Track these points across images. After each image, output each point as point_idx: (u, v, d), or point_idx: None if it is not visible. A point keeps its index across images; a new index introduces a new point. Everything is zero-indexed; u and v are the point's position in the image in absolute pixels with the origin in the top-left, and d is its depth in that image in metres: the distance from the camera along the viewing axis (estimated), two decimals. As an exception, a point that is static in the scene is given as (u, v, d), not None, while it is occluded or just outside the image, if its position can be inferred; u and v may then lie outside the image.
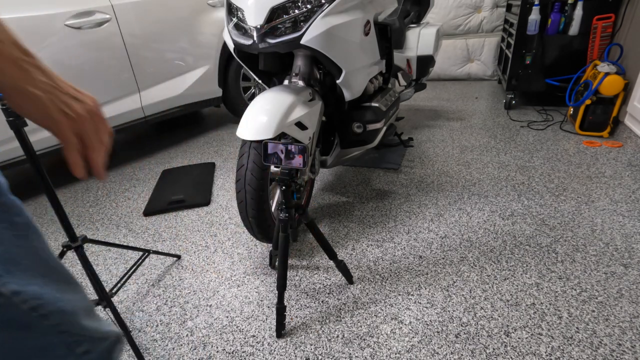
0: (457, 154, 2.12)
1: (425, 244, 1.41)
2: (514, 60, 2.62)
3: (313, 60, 1.40)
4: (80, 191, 2.11)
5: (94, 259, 1.51)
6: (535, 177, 1.80)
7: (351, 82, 1.36)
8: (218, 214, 1.75)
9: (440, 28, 2.19)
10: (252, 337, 1.10)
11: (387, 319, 1.11)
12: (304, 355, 1.02)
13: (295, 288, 1.26)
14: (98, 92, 2.07)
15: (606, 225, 1.42)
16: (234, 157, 2.38)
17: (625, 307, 1.07)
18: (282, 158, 0.95)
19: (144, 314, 1.22)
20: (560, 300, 1.11)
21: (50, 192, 0.94)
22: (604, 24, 2.30)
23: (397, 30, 1.61)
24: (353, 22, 1.27)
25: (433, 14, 3.52)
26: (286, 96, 1.22)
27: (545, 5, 2.39)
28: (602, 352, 0.95)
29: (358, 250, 1.41)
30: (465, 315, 1.10)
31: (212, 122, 3.14)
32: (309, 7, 1.18)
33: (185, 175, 2.13)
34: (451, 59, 3.60)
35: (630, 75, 2.19)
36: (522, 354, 0.97)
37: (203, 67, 2.57)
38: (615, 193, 1.61)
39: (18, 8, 1.75)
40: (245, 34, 1.25)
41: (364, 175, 1.98)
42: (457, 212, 1.58)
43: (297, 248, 1.46)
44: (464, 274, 1.25)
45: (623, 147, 2.00)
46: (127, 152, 2.63)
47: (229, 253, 1.47)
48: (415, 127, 2.58)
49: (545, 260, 1.28)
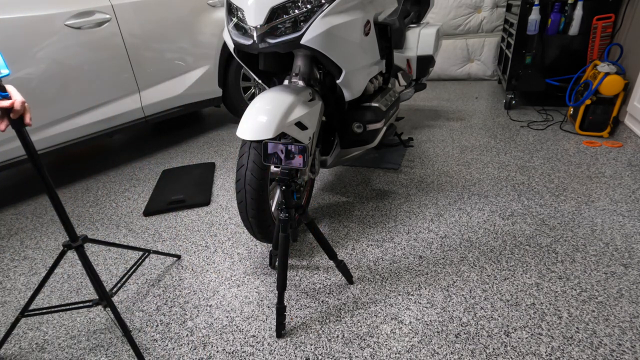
0: (457, 154, 2.12)
1: (425, 244, 1.41)
2: (514, 60, 2.62)
3: (313, 60, 1.40)
4: (80, 191, 2.11)
5: (94, 259, 1.52)
6: (535, 177, 1.80)
7: (351, 82, 1.36)
8: (218, 214, 1.75)
9: (440, 28, 2.19)
10: (252, 337, 1.10)
11: (387, 319, 1.11)
12: (304, 355, 1.02)
13: (295, 288, 1.26)
14: (98, 92, 2.07)
15: (606, 225, 1.42)
16: (234, 157, 2.39)
17: (625, 307, 1.07)
18: (282, 158, 0.95)
19: (144, 314, 1.22)
20: (560, 300, 1.11)
21: (51, 191, 0.93)
22: (604, 24, 2.30)
23: (397, 30, 1.60)
24: (353, 22, 1.27)
25: (433, 14, 3.52)
26: (286, 96, 1.22)
27: (545, 5, 2.39)
28: (602, 352, 0.95)
29: (358, 250, 1.42)
30: (465, 315, 1.10)
31: (212, 122, 3.14)
32: (309, 7, 1.18)
33: (185, 175, 2.13)
34: (451, 59, 3.60)
35: (630, 75, 2.19)
36: (522, 354, 0.97)
37: (203, 67, 2.57)
38: (615, 193, 1.61)
39: (18, 8, 1.75)
40: (245, 34, 1.25)
41: (364, 175, 1.98)
42: (457, 212, 1.58)
43: (297, 248, 1.46)
44: (464, 274, 1.25)
45: (623, 147, 2.00)
46: (127, 152, 2.63)
47: (229, 253, 1.47)
48: (415, 127, 2.58)
49: (545, 260, 1.28)
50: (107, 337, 1.14)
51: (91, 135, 2.13)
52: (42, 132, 1.91)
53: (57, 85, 1.91)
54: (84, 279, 1.42)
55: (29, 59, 1.79)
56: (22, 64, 1.77)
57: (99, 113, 2.11)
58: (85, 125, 2.06)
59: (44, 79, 1.85)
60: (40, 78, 1.84)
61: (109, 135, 2.21)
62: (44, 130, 1.92)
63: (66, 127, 1.99)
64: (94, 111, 2.09)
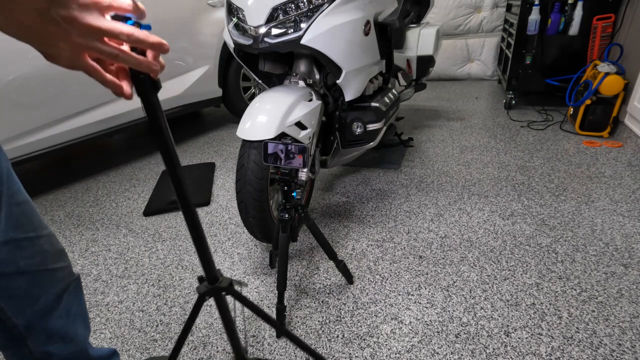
0: (457, 154, 2.12)
1: (425, 244, 1.41)
2: (514, 60, 2.62)
3: (313, 60, 1.40)
4: (80, 191, 2.11)
5: (94, 259, 1.52)
6: (535, 177, 1.80)
7: (351, 82, 1.36)
8: (218, 214, 1.75)
9: (440, 28, 2.18)
10: (252, 337, 1.10)
11: (387, 319, 1.11)
12: (304, 355, 1.02)
13: (295, 288, 1.26)
14: (98, 92, 2.07)
15: (606, 225, 1.42)
16: (234, 157, 2.39)
17: (625, 307, 1.07)
18: (282, 158, 0.95)
19: (144, 314, 1.22)
20: (560, 300, 1.11)
21: (189, 213, 0.64)
22: (604, 24, 2.30)
23: (397, 30, 1.61)
24: (353, 22, 1.27)
25: (433, 14, 3.52)
26: (286, 96, 1.22)
27: (545, 5, 2.39)
28: (602, 352, 0.95)
29: (358, 250, 1.42)
30: (465, 315, 1.10)
31: (212, 122, 3.14)
32: (309, 7, 1.18)
33: (185, 175, 2.13)
34: (451, 59, 3.60)
35: (630, 75, 2.19)
36: (522, 354, 0.97)
37: (203, 67, 2.57)
38: (615, 193, 1.61)
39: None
40: (245, 34, 1.25)
41: (364, 175, 1.98)
42: (457, 212, 1.58)
43: (297, 248, 1.46)
44: (464, 274, 1.25)
45: (623, 147, 2.00)
46: (127, 152, 2.63)
47: (229, 253, 1.47)
48: (415, 127, 2.58)
49: (545, 260, 1.28)
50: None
51: (91, 135, 2.13)
52: (42, 132, 1.91)
53: (58, 86, 1.91)
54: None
55: (29, 59, 1.79)
56: (23, 64, 1.77)
57: (99, 113, 2.11)
58: (85, 125, 2.06)
59: (45, 79, 1.85)
60: (40, 78, 1.84)
61: (109, 135, 2.21)
62: (44, 131, 1.92)
63: (66, 127, 1.99)
64: (94, 111, 2.09)
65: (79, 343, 0.76)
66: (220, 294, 0.71)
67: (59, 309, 0.70)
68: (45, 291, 0.67)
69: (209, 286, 0.70)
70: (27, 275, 0.63)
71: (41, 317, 0.67)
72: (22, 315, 0.64)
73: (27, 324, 0.66)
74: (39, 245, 0.64)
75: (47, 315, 0.68)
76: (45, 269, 0.66)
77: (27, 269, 0.62)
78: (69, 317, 0.72)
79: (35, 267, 0.64)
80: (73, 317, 0.73)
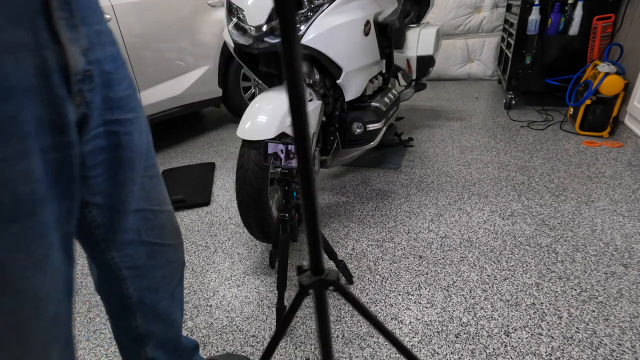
0: (457, 154, 2.12)
1: (425, 244, 1.41)
2: (514, 60, 2.62)
3: (313, 60, 1.40)
4: (80, 191, 2.11)
5: (94, 259, 1.51)
6: (535, 177, 1.80)
7: (351, 82, 1.36)
8: (218, 214, 1.75)
9: (440, 28, 2.18)
10: (252, 337, 1.10)
11: (387, 319, 1.11)
12: (304, 355, 1.02)
13: (295, 288, 1.26)
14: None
15: (606, 225, 1.42)
16: (234, 157, 2.39)
17: (625, 307, 1.07)
18: (282, 158, 0.95)
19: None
20: (560, 300, 1.11)
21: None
22: (604, 24, 2.30)
23: (397, 30, 1.61)
24: (353, 22, 1.28)
25: (433, 14, 3.52)
26: (286, 96, 1.22)
27: (545, 5, 2.39)
28: (602, 352, 0.95)
29: (358, 250, 1.42)
30: (465, 315, 1.10)
31: (212, 122, 3.14)
32: (310, 7, 1.18)
33: (185, 175, 2.13)
34: (451, 59, 3.60)
35: (630, 75, 2.19)
36: (522, 354, 0.97)
37: (203, 67, 2.57)
38: (615, 193, 1.61)
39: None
40: (245, 34, 1.25)
41: (364, 175, 1.98)
42: (457, 212, 1.58)
43: (297, 248, 1.46)
44: (464, 274, 1.25)
45: (623, 147, 2.00)
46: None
47: (229, 253, 1.47)
48: (415, 127, 2.58)
49: (545, 260, 1.28)
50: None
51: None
52: None
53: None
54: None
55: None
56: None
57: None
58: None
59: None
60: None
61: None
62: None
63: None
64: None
65: (176, 328, 0.76)
66: (326, 289, 0.59)
67: (166, 290, 0.71)
68: (159, 266, 0.68)
69: (314, 278, 0.58)
70: (147, 246, 0.64)
71: (152, 293, 0.68)
72: (138, 286, 0.65)
73: (139, 297, 0.66)
74: (160, 220, 0.66)
75: (156, 293, 0.69)
76: (161, 242, 0.67)
77: (147, 239, 0.64)
78: (173, 300, 0.73)
79: (153, 239, 0.65)
80: (176, 301, 0.74)
